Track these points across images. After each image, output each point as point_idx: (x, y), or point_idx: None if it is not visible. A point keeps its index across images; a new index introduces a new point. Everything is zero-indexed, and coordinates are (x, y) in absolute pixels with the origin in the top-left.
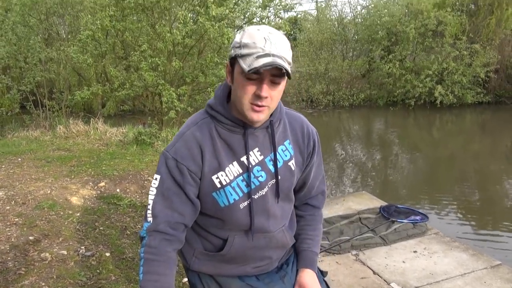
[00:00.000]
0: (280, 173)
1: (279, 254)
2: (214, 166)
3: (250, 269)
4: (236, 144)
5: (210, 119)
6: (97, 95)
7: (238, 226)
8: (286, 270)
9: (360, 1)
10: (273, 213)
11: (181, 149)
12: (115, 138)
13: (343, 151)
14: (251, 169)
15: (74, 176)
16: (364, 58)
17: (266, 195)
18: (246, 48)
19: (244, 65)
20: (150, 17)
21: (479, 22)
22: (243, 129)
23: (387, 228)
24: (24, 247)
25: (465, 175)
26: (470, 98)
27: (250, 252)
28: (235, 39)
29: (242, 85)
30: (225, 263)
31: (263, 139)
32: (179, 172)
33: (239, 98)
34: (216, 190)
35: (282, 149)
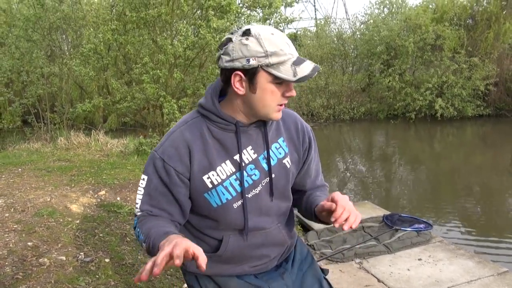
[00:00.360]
0: (275, 171)
1: (277, 252)
2: (204, 165)
3: (248, 268)
4: (229, 142)
5: (201, 118)
6: (99, 107)
7: (232, 226)
8: (286, 267)
9: (359, 17)
10: (266, 211)
11: (169, 148)
12: (116, 149)
13: (344, 164)
14: (244, 168)
15: (74, 185)
16: (364, 72)
17: (260, 193)
18: (275, 57)
19: (283, 75)
20: (152, 31)
21: (477, 36)
22: (235, 127)
23: (390, 236)
24: (22, 253)
25: (468, 187)
26: (471, 111)
27: (247, 251)
28: (250, 48)
29: (272, 91)
30: (222, 263)
31: (257, 137)
32: (165, 173)
33: (268, 104)
34: (208, 191)
35: (276, 146)
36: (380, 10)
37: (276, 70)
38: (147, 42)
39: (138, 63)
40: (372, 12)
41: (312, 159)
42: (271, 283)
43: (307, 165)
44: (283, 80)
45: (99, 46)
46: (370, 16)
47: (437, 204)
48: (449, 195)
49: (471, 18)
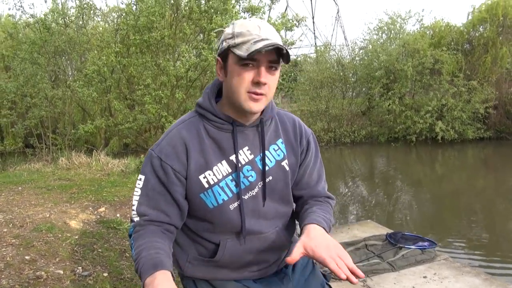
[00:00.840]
0: (272, 173)
1: (276, 257)
2: (201, 164)
3: (247, 273)
4: (225, 142)
5: (199, 118)
6: (101, 129)
7: (229, 229)
8: (286, 272)
9: (357, 43)
10: (264, 214)
11: (166, 147)
12: (117, 168)
13: (346, 187)
14: (240, 169)
15: (74, 202)
16: (364, 96)
17: (257, 195)
18: (240, 37)
19: (241, 52)
20: (155, 54)
21: (474, 61)
22: (232, 126)
23: (394, 254)
24: (19, 266)
25: (471, 209)
26: (471, 134)
27: (245, 256)
28: (225, 32)
29: (238, 73)
30: (220, 268)
31: (253, 138)
32: (163, 172)
33: (236, 88)
34: (204, 191)
35: (274, 148)
36: (378, 36)
37: (238, 49)
38: (150, 64)
39: (140, 84)
40: (371, 38)
41: (309, 163)
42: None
43: (303, 169)
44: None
45: (103, 68)
46: (369, 42)
47: (440, 225)
48: (452, 217)
49: (468, 43)
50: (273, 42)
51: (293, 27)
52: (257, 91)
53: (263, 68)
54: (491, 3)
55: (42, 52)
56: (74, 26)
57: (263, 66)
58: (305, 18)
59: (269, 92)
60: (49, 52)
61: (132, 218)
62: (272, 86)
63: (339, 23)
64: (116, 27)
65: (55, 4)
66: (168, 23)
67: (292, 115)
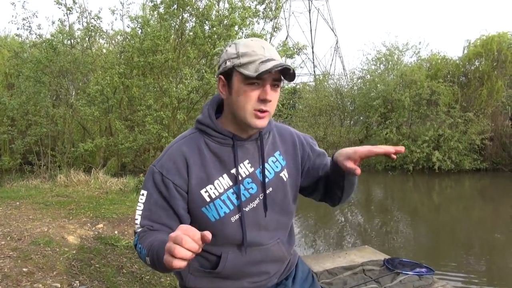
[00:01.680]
0: (272, 184)
1: (277, 268)
2: (202, 179)
3: (247, 284)
4: (226, 156)
5: (199, 134)
6: (100, 148)
7: (230, 241)
8: (286, 284)
9: (356, 73)
10: (265, 225)
11: (167, 163)
12: (115, 187)
13: (343, 215)
14: (241, 181)
15: (72, 218)
16: (362, 125)
17: (257, 207)
18: (246, 57)
19: (248, 72)
20: (157, 76)
21: (470, 93)
22: (232, 141)
23: (392, 280)
24: (17, 278)
25: (468, 239)
26: (468, 164)
27: (246, 267)
28: (228, 51)
29: (244, 92)
30: (221, 279)
31: (253, 151)
32: (164, 187)
33: (242, 106)
34: (206, 205)
35: (273, 160)
36: (376, 66)
37: (244, 68)
38: (153, 86)
39: (142, 105)
40: (369, 68)
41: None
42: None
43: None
44: (251, 79)
45: (106, 88)
46: (367, 72)
47: (436, 253)
48: (448, 246)
49: (464, 76)
50: (281, 63)
51: (294, 54)
52: (262, 108)
53: (269, 86)
54: (486, 38)
55: (46, 72)
56: (80, 47)
57: (269, 84)
58: (305, 47)
59: (272, 108)
60: (53, 71)
61: (136, 231)
62: (274, 102)
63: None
64: (121, 49)
65: (62, 26)
66: (172, 47)
67: (288, 127)
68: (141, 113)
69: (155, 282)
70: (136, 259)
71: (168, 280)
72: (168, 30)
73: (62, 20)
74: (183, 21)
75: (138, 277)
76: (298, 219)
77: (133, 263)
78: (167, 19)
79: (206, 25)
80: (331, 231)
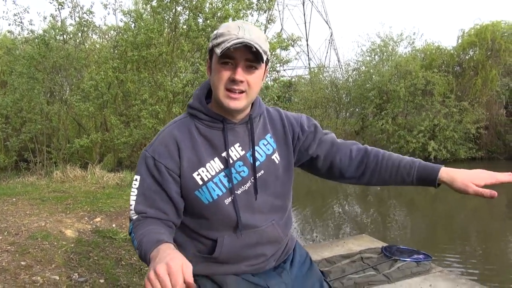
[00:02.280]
0: (264, 167)
1: (273, 250)
2: (194, 162)
3: (245, 268)
4: (216, 140)
5: (190, 118)
6: (96, 143)
7: (225, 224)
8: (284, 266)
9: (351, 64)
10: (258, 207)
11: (159, 147)
12: (112, 181)
13: (340, 206)
14: (232, 165)
15: (69, 212)
16: (357, 116)
17: (249, 190)
18: (221, 37)
19: (218, 50)
20: (152, 71)
21: (465, 82)
22: (222, 124)
23: (390, 267)
24: (15, 271)
25: (464, 228)
26: (463, 153)
27: (242, 250)
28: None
29: (218, 71)
30: (219, 263)
31: (244, 134)
32: (157, 171)
33: (216, 85)
34: (199, 188)
35: (264, 143)
36: (371, 57)
37: (217, 48)
38: (148, 80)
39: (137, 99)
40: (364, 59)
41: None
42: (268, 281)
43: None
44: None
45: (100, 83)
46: (362, 63)
47: (433, 242)
48: (445, 235)
49: (458, 66)
50: (242, 40)
51: (288, 46)
52: (233, 88)
53: (240, 66)
54: (480, 27)
55: (40, 68)
56: (72, 43)
57: (240, 64)
58: (300, 38)
59: (250, 90)
60: (46, 68)
61: (131, 217)
62: (252, 84)
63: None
64: (114, 43)
65: (54, 21)
66: (166, 41)
67: (278, 108)
68: (136, 107)
69: None
70: (134, 251)
71: None
72: (161, 23)
73: (54, 16)
74: (176, 14)
75: (137, 269)
76: (295, 210)
77: (131, 255)
78: (160, 12)
79: (199, 18)
80: (328, 222)
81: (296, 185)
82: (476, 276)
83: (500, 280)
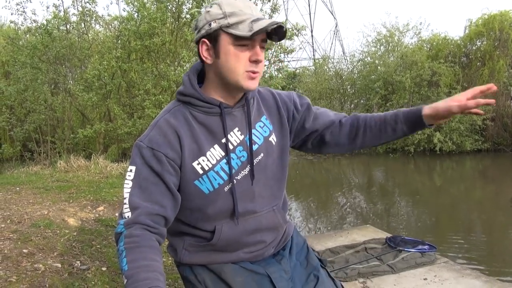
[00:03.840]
0: (262, 150)
1: (273, 237)
2: (194, 151)
3: (244, 255)
4: (215, 126)
5: (183, 106)
6: (100, 133)
7: (224, 212)
8: (283, 254)
9: (356, 55)
10: (259, 192)
11: (156, 136)
12: (115, 171)
13: (344, 197)
14: (232, 150)
15: (72, 201)
16: (362, 108)
17: (249, 174)
18: (234, 17)
19: (239, 32)
20: (155, 61)
21: (472, 73)
22: (219, 109)
23: (394, 257)
24: (17, 259)
25: (469, 219)
26: (469, 145)
27: (241, 237)
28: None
29: (235, 54)
30: (217, 252)
31: (241, 118)
32: (156, 161)
33: (233, 69)
34: (199, 178)
35: (260, 125)
36: (377, 48)
37: (234, 29)
38: (151, 70)
39: (141, 89)
40: (369, 50)
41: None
42: (267, 268)
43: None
44: (242, 39)
45: (103, 73)
46: (367, 54)
47: (438, 233)
48: (450, 226)
49: (465, 56)
50: (276, 21)
51: (293, 36)
52: (255, 70)
53: (259, 46)
54: (488, 17)
55: (43, 58)
56: (75, 33)
57: (259, 45)
58: (305, 27)
59: (262, 69)
60: (50, 58)
61: (123, 214)
62: (263, 63)
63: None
64: (117, 33)
65: (56, 11)
66: (169, 30)
67: (268, 88)
68: (139, 97)
69: None
70: None
71: (170, 260)
72: (164, 12)
73: (57, 5)
74: (179, 3)
75: None
76: (299, 202)
77: None
78: (163, 1)
79: (203, 6)
80: (332, 214)
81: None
82: (481, 266)
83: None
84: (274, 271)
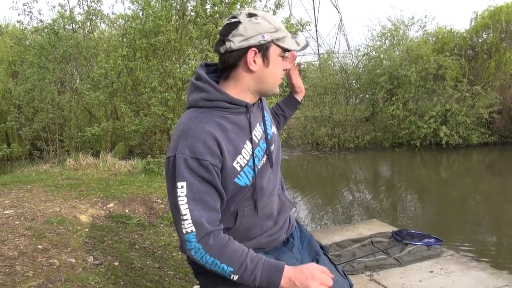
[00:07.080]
0: (275, 140)
1: (284, 217)
2: (232, 152)
3: (264, 240)
4: (244, 124)
5: (208, 111)
6: (107, 132)
7: (246, 198)
8: (293, 242)
9: (361, 49)
10: (273, 179)
11: (196, 145)
12: (124, 169)
13: (350, 191)
14: (257, 144)
15: (83, 198)
16: (367, 102)
17: (266, 162)
18: (280, 32)
19: (288, 46)
20: (161, 57)
21: (478, 66)
22: (245, 108)
23: (400, 251)
24: (32, 254)
25: (476, 213)
26: (475, 139)
27: (261, 221)
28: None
29: (279, 64)
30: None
31: (257, 113)
32: (204, 170)
33: (275, 77)
34: (238, 175)
35: (267, 119)
36: (382, 42)
37: (283, 43)
38: (157, 68)
39: (147, 87)
40: (374, 44)
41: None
42: (281, 257)
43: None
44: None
45: (110, 72)
46: (372, 48)
47: (445, 227)
48: (457, 220)
49: (471, 49)
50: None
51: (297, 31)
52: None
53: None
54: (494, 9)
55: (50, 58)
56: (81, 32)
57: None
58: (309, 23)
59: None
60: (56, 57)
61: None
62: None
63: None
64: (123, 32)
65: (62, 11)
66: (174, 28)
67: None
68: (145, 95)
69: (167, 257)
70: (147, 235)
71: (180, 254)
72: (169, 10)
73: (63, 5)
74: (184, 1)
75: (150, 252)
76: (305, 197)
77: (144, 239)
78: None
79: (207, 4)
80: (338, 208)
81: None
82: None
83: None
84: (287, 259)
